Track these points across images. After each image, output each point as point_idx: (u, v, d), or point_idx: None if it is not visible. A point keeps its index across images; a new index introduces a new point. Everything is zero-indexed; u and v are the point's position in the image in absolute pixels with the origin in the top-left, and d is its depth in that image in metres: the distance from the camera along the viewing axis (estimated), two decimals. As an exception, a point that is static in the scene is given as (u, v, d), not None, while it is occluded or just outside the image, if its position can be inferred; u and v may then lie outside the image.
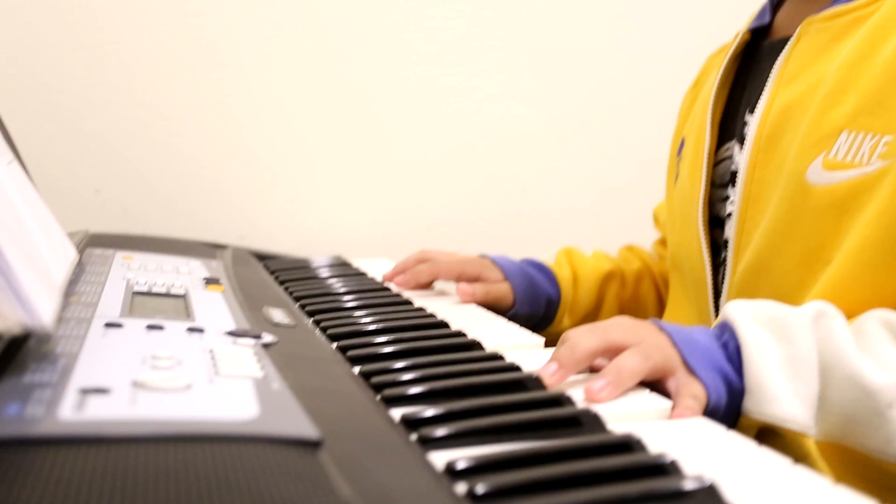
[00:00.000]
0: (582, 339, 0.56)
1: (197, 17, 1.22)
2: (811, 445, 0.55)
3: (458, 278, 0.88)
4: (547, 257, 0.98)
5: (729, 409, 0.57)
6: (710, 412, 0.55)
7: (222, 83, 1.24)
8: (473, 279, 0.88)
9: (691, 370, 0.56)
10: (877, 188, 0.61)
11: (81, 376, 0.44)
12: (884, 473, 0.54)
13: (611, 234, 1.11)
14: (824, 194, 0.65)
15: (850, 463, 0.56)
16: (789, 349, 0.56)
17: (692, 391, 0.54)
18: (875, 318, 0.58)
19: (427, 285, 0.90)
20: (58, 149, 1.20)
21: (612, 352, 0.56)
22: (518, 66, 1.35)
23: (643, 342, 0.56)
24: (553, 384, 0.54)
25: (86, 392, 0.41)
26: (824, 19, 0.70)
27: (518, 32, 1.35)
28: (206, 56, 1.23)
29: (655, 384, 0.56)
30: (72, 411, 0.38)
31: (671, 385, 0.56)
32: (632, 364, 0.54)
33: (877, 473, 0.55)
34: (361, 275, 0.94)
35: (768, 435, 0.56)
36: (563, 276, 0.94)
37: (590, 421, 0.47)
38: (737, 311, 0.59)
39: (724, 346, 0.59)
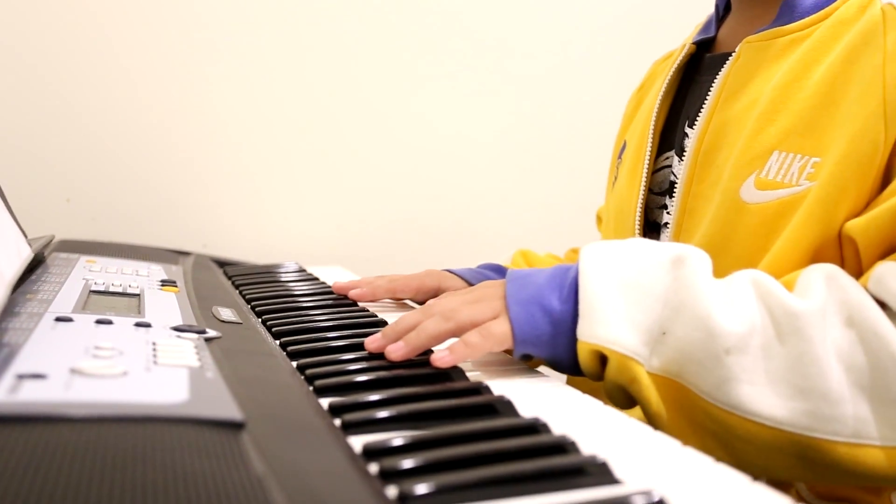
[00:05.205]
0: (432, 325, 0.61)
1: (160, 35, 1.25)
2: (646, 379, 0.57)
3: (417, 293, 0.86)
4: (503, 260, 1.00)
5: (557, 337, 0.59)
6: (531, 342, 0.59)
7: (187, 100, 1.28)
8: (433, 292, 0.86)
9: (507, 308, 0.60)
10: (800, 208, 0.64)
11: (21, 364, 0.45)
12: (708, 416, 0.56)
13: (555, 241, 1.14)
14: (757, 212, 0.66)
15: (681, 401, 0.57)
16: (634, 277, 0.58)
17: (480, 332, 0.59)
18: (747, 275, 0.60)
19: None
20: (31, 159, 1.23)
21: (461, 333, 0.61)
22: (471, 81, 1.40)
23: (484, 317, 0.61)
24: (396, 359, 0.60)
25: (22, 377, 0.43)
26: (762, 39, 0.72)
27: (468, 49, 1.39)
28: (170, 73, 1.27)
29: None
30: (4, 394, 0.40)
31: None
32: (475, 341, 0.59)
33: (702, 415, 0.56)
34: (313, 279, 0.96)
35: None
36: None
37: (503, 408, 0.50)
38: (590, 246, 0.62)
39: (563, 277, 0.61)
